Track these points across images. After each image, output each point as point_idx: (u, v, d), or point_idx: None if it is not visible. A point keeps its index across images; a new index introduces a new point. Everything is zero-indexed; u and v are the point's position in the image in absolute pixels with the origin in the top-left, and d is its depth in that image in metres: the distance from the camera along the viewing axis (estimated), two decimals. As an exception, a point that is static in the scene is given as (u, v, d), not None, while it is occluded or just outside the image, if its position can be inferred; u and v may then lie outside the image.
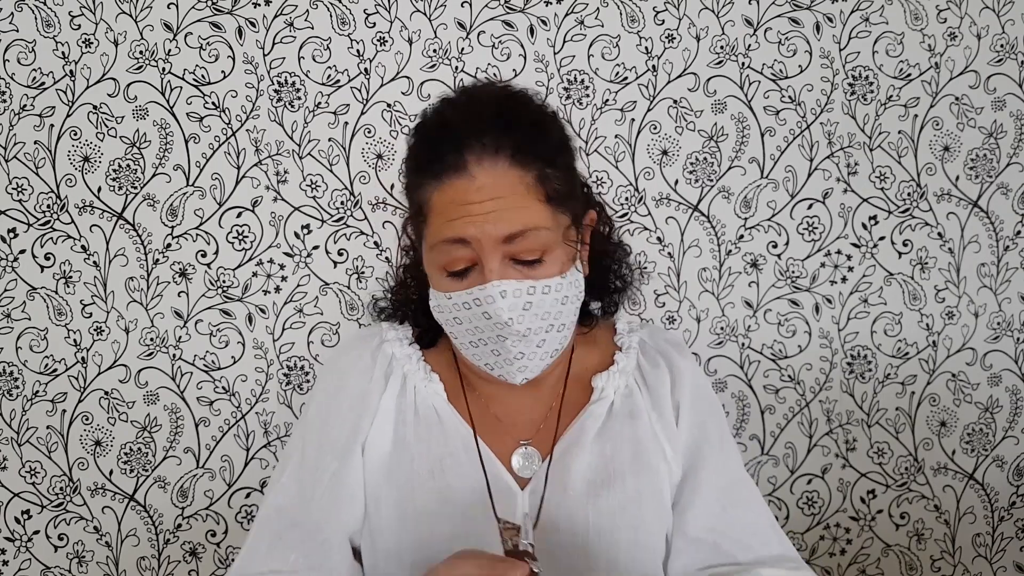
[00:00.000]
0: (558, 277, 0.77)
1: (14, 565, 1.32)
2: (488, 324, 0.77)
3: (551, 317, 0.78)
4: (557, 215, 0.78)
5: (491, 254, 0.74)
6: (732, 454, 0.90)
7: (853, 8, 1.30)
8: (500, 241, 0.74)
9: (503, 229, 0.73)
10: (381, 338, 0.89)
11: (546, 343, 0.80)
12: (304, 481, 0.82)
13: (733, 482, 0.87)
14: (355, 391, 0.85)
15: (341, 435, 0.83)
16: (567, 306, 0.80)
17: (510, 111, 0.79)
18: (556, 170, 0.77)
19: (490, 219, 0.73)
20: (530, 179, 0.75)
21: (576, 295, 0.81)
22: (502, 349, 0.78)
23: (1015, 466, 1.42)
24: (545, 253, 0.76)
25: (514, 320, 0.75)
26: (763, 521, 0.86)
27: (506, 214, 0.73)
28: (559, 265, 0.78)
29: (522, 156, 0.75)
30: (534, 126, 0.79)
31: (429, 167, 0.77)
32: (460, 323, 0.79)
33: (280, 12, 1.25)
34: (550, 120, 0.83)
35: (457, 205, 0.74)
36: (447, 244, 0.75)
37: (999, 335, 1.38)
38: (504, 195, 0.74)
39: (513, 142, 0.75)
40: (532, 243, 0.75)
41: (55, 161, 1.26)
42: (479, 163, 0.74)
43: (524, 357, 0.79)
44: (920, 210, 1.34)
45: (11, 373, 1.29)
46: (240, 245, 1.28)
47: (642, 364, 0.90)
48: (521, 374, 0.80)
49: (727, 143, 1.31)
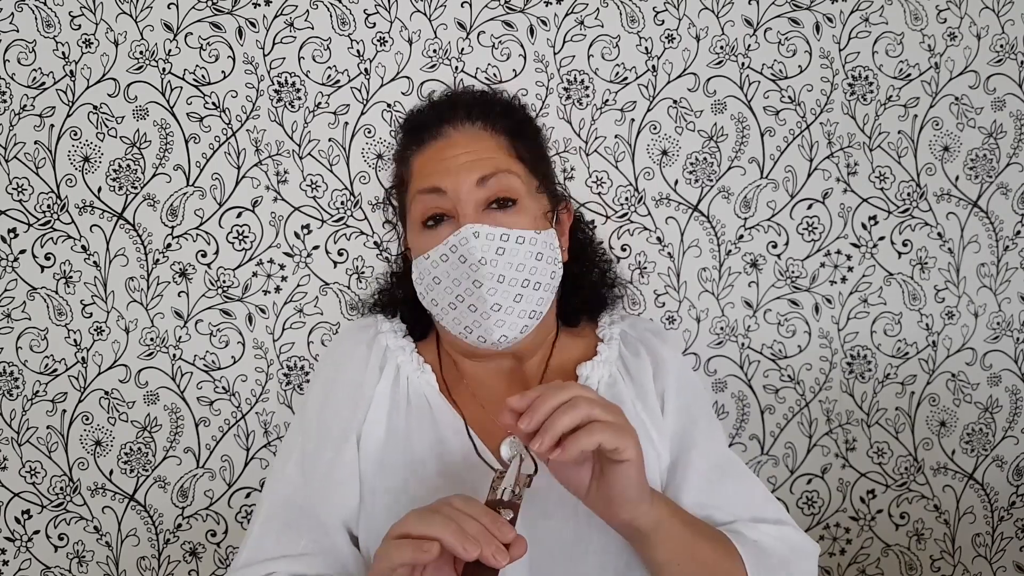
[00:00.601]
0: (532, 231, 0.82)
1: (14, 565, 1.32)
2: (464, 271, 0.79)
3: (526, 271, 0.81)
4: (528, 175, 0.85)
5: (466, 200, 0.79)
6: (717, 433, 0.93)
7: (853, 8, 1.30)
8: (474, 185, 0.80)
9: (476, 172, 0.80)
10: (376, 329, 0.92)
11: (523, 299, 0.82)
12: (304, 469, 0.84)
13: (721, 458, 0.89)
14: (350, 381, 0.87)
15: (337, 424, 0.85)
16: (541, 263, 0.82)
17: (486, 95, 0.90)
18: (524, 138, 0.86)
19: (465, 167, 0.80)
20: (501, 138, 0.84)
21: (552, 257, 0.84)
22: (479, 302, 0.80)
23: (1015, 466, 1.42)
24: (518, 200, 0.82)
25: (487, 260, 0.79)
26: (756, 492, 0.88)
27: (479, 161, 0.81)
28: (532, 219, 0.83)
29: (494, 121, 0.84)
30: (504, 103, 0.90)
31: (412, 140, 0.86)
32: (439, 282, 0.82)
33: (280, 12, 1.26)
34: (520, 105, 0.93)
35: (435, 161, 0.82)
36: (424, 194, 0.82)
37: (999, 335, 1.38)
38: (477, 148, 0.82)
39: (485, 111, 0.85)
40: (503, 184, 0.81)
41: (55, 161, 1.26)
42: (454, 127, 0.84)
43: (501, 310, 0.81)
44: (920, 210, 1.35)
45: (11, 373, 1.29)
46: (240, 245, 1.29)
47: (624, 354, 0.92)
48: (499, 329, 0.81)
49: (727, 143, 1.31)
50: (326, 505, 0.82)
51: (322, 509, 0.82)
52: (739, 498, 0.86)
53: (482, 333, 0.82)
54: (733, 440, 1.37)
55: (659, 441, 0.86)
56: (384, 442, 0.84)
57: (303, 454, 0.85)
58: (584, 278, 0.95)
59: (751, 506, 0.85)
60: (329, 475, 0.82)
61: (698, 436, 0.88)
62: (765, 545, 0.81)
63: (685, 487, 0.84)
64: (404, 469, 0.82)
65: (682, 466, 0.86)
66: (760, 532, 0.82)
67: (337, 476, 0.82)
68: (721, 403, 1.36)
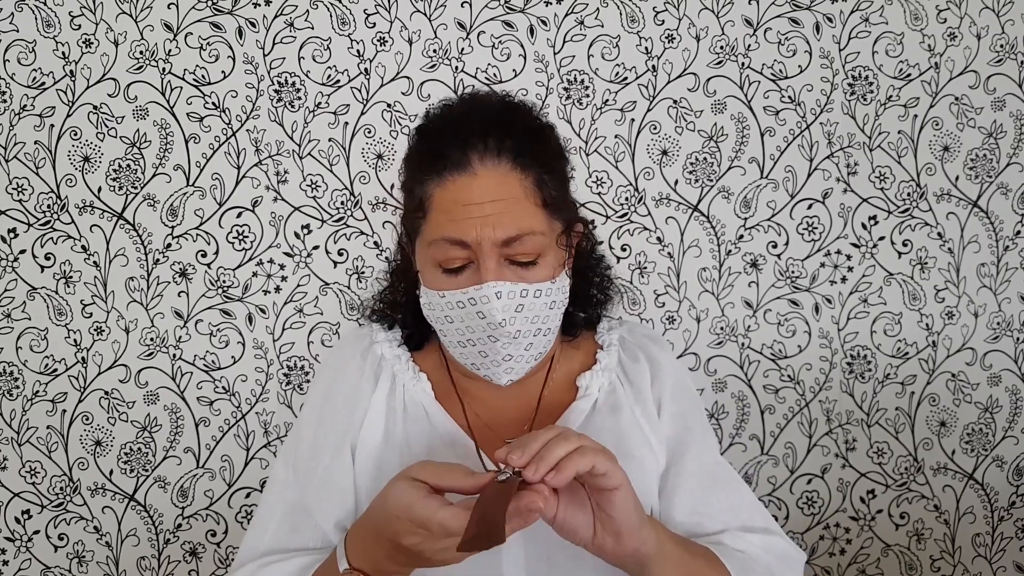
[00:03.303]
0: (549, 281, 0.80)
1: (14, 565, 1.32)
2: (480, 324, 0.79)
3: (540, 320, 0.81)
4: (551, 221, 0.81)
5: (489, 256, 0.77)
6: (710, 440, 0.93)
7: (853, 8, 1.30)
8: (498, 245, 0.77)
9: (502, 233, 0.76)
10: (371, 339, 0.92)
11: (533, 346, 0.83)
12: (300, 474, 0.86)
13: (713, 466, 0.89)
14: (346, 389, 0.88)
15: (333, 431, 0.86)
16: (554, 311, 0.83)
17: (512, 116, 0.83)
18: (553, 177, 0.81)
19: (490, 222, 0.76)
20: (529, 183, 0.78)
21: (563, 301, 0.84)
22: (490, 351, 0.81)
23: (1015, 466, 1.42)
24: (540, 257, 0.80)
25: (507, 321, 0.78)
26: (745, 500, 0.89)
27: (505, 217, 0.76)
28: (551, 269, 0.81)
29: (523, 159, 0.78)
30: (534, 133, 0.83)
31: (432, 164, 0.79)
32: (451, 322, 0.81)
33: (280, 12, 1.25)
34: (548, 130, 0.86)
35: (460, 205, 0.77)
36: (446, 243, 0.78)
37: (999, 335, 1.38)
38: (504, 197, 0.77)
39: (515, 145, 0.78)
40: (528, 247, 0.78)
41: (55, 161, 1.26)
42: (482, 162, 0.77)
43: (512, 359, 0.82)
44: (920, 210, 1.35)
45: (11, 373, 1.29)
46: (240, 245, 1.29)
47: (623, 360, 0.93)
48: (507, 375, 0.83)
49: (727, 143, 1.31)
50: (322, 510, 0.83)
51: (318, 513, 0.83)
52: (730, 507, 0.86)
53: (489, 375, 0.84)
54: (733, 440, 1.37)
55: (656, 446, 0.87)
56: (381, 448, 0.85)
57: (300, 460, 0.86)
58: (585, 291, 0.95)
59: (741, 515, 0.86)
60: (325, 481, 0.83)
61: (692, 443, 0.88)
62: (751, 555, 0.82)
63: (678, 494, 0.85)
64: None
65: (675, 472, 0.87)
66: (746, 542, 0.83)
67: (333, 482, 0.83)
68: (721, 403, 1.36)
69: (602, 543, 0.70)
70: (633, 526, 0.68)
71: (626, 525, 0.68)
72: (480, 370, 0.83)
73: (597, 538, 0.70)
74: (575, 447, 0.66)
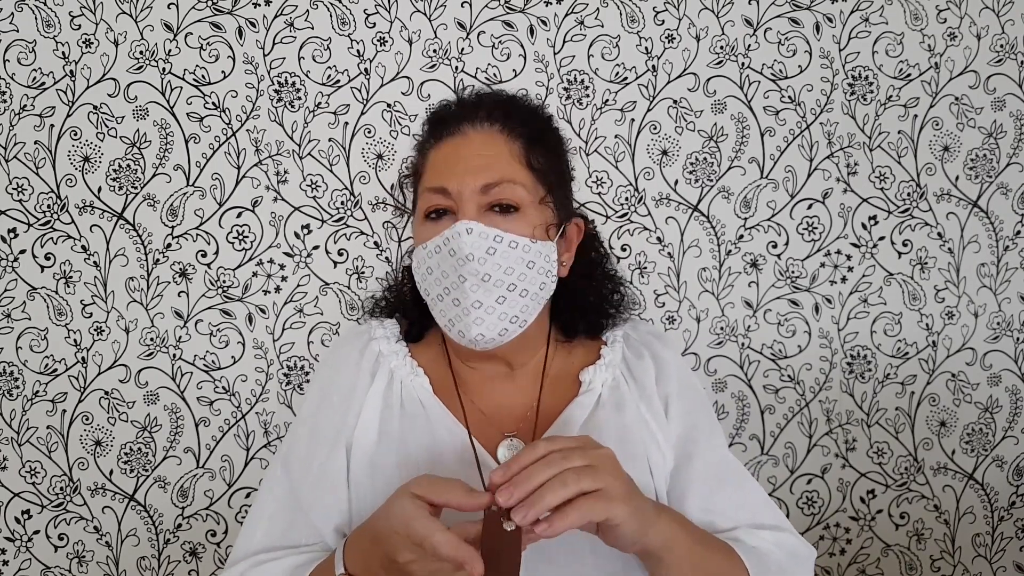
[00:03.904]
0: (528, 238, 0.82)
1: (14, 565, 1.32)
2: (452, 264, 0.81)
3: (514, 275, 0.82)
4: (536, 183, 0.84)
5: (467, 202, 0.81)
6: (719, 436, 0.93)
7: (853, 8, 1.30)
8: (477, 191, 0.81)
9: (481, 179, 0.81)
10: (369, 335, 0.93)
11: (506, 302, 0.82)
12: (295, 471, 0.86)
13: (723, 463, 0.89)
14: (343, 386, 0.88)
15: (329, 428, 0.86)
16: (532, 272, 0.83)
17: (510, 99, 0.89)
18: (541, 147, 0.86)
19: (471, 170, 0.81)
20: (516, 146, 0.84)
21: (545, 268, 0.85)
22: (462, 296, 0.82)
23: (1015, 466, 1.42)
24: (519, 208, 0.82)
25: (475, 257, 0.80)
26: (755, 497, 0.89)
27: (487, 167, 0.82)
28: (531, 227, 0.83)
29: (511, 124, 0.84)
30: (527, 110, 0.89)
31: (432, 133, 0.87)
32: (431, 272, 0.83)
33: (280, 12, 1.25)
34: (544, 114, 0.91)
35: (447, 161, 0.84)
36: (430, 192, 0.83)
37: (999, 335, 1.38)
38: (488, 152, 0.83)
39: (505, 114, 0.85)
40: (506, 193, 0.82)
41: (55, 161, 1.26)
42: (473, 126, 0.84)
43: (481, 307, 0.82)
44: (920, 210, 1.35)
45: (11, 373, 1.29)
46: (240, 245, 1.29)
47: (627, 356, 0.93)
48: (477, 328, 0.82)
49: (727, 143, 1.31)
50: (317, 507, 0.83)
51: (313, 511, 0.83)
52: (740, 504, 0.86)
53: (462, 328, 0.83)
54: (733, 440, 1.37)
55: (664, 443, 0.87)
56: (376, 445, 0.85)
57: (296, 457, 0.86)
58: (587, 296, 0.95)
59: (751, 511, 0.86)
60: (320, 478, 0.84)
61: (701, 441, 0.88)
62: (764, 551, 0.82)
63: (689, 493, 0.85)
64: (397, 470, 0.83)
65: (685, 471, 0.86)
66: (759, 538, 0.83)
67: (328, 479, 0.84)
68: (721, 403, 1.36)
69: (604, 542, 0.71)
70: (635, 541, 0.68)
71: (628, 541, 0.68)
72: (455, 326, 0.83)
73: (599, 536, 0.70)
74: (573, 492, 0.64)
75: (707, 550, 0.76)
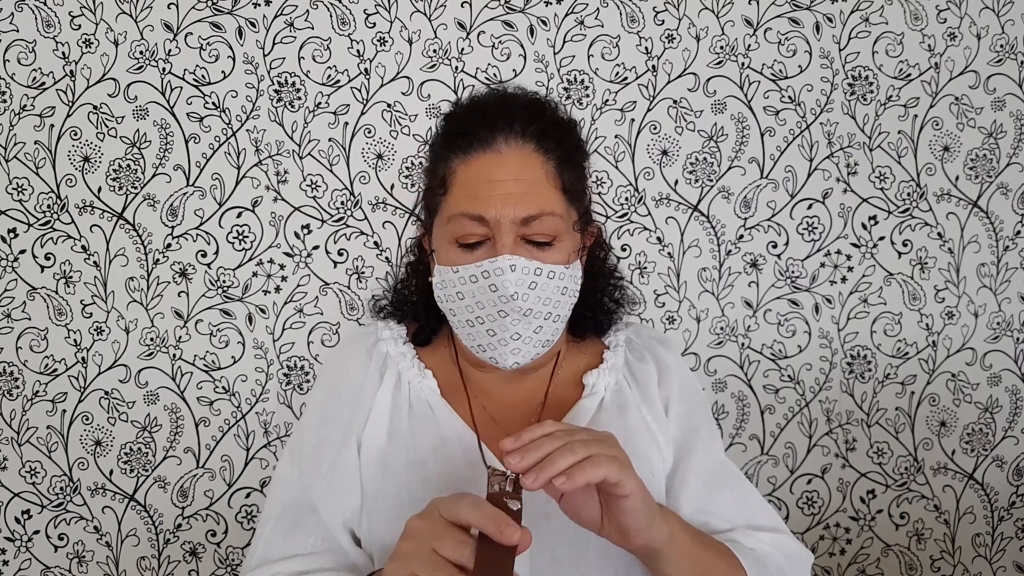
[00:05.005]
0: (563, 266, 0.81)
1: (14, 565, 1.32)
2: (491, 299, 0.79)
3: (551, 304, 0.82)
4: (569, 207, 0.83)
5: (507, 233, 0.78)
6: (716, 439, 0.93)
7: (853, 8, 1.30)
8: (517, 223, 0.78)
9: (522, 212, 0.78)
10: (376, 337, 0.92)
11: (543, 331, 0.83)
12: (305, 471, 0.85)
13: (719, 465, 0.90)
14: (351, 387, 0.88)
15: (338, 428, 0.86)
16: (566, 297, 0.83)
17: (540, 107, 0.86)
18: (572, 166, 0.84)
19: (511, 200, 0.78)
20: (551, 166, 0.81)
21: (574, 289, 0.85)
22: (499, 328, 0.81)
23: (1015, 466, 1.42)
24: (556, 239, 0.81)
25: (519, 295, 0.78)
26: (752, 499, 0.89)
27: (526, 197, 0.78)
28: (566, 254, 0.82)
29: (546, 143, 0.81)
30: (559, 123, 0.86)
31: (458, 141, 0.82)
32: (462, 298, 0.81)
33: (280, 12, 1.25)
34: (572, 124, 0.89)
35: (482, 182, 0.79)
36: (465, 218, 0.79)
37: (999, 335, 1.38)
38: (526, 177, 0.79)
39: (540, 129, 0.81)
40: (546, 227, 0.79)
41: (55, 161, 1.26)
42: (507, 142, 0.80)
43: (520, 339, 0.82)
44: (920, 210, 1.35)
45: (11, 373, 1.29)
46: (240, 245, 1.29)
47: (630, 360, 0.93)
48: (513, 357, 0.82)
49: (727, 143, 1.31)
50: (328, 507, 0.83)
51: (324, 511, 0.83)
52: (736, 505, 0.87)
53: (495, 356, 0.83)
54: (733, 440, 1.37)
55: (664, 445, 0.87)
56: (386, 445, 0.85)
57: (304, 457, 0.86)
58: (596, 297, 0.95)
59: (748, 514, 0.87)
60: (330, 478, 0.83)
61: (698, 443, 0.89)
62: (762, 553, 0.82)
63: (684, 493, 0.85)
64: (406, 470, 0.83)
65: (681, 472, 0.87)
66: (757, 540, 0.83)
67: (338, 479, 0.83)
68: (721, 403, 1.36)
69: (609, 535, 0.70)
70: (641, 527, 0.68)
71: (634, 526, 0.68)
72: (486, 351, 0.83)
73: (604, 529, 0.70)
74: (584, 456, 0.65)
75: (706, 550, 0.76)
